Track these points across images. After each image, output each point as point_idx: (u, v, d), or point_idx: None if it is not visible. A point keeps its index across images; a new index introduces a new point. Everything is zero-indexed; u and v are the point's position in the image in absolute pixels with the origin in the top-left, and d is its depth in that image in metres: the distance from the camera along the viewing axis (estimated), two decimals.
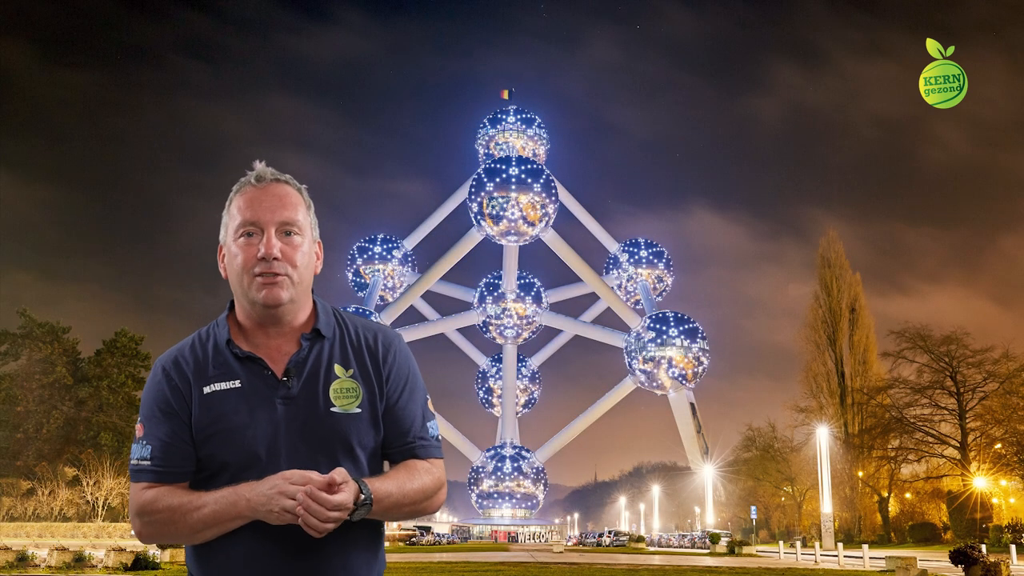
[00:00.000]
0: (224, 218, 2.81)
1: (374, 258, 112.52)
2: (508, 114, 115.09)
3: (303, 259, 2.75)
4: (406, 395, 2.84)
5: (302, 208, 2.78)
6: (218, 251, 2.85)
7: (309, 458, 2.62)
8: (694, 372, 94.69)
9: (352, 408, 2.70)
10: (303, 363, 2.72)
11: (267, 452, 2.62)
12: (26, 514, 77.18)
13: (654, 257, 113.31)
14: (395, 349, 2.86)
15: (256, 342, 2.75)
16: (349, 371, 2.74)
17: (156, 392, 2.72)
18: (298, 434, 2.64)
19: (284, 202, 2.74)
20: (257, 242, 2.69)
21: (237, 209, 2.74)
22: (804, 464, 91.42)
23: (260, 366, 2.70)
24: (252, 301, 2.71)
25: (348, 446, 2.69)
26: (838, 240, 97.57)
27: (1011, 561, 34.31)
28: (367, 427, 2.73)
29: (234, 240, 2.74)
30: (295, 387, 2.68)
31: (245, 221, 2.71)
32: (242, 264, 2.70)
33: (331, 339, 2.79)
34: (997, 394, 72.54)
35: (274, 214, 2.71)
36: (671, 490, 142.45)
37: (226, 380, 2.68)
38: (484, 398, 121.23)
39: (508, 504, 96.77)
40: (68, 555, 31.51)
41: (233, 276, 2.75)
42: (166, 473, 2.65)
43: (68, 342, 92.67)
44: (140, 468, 2.66)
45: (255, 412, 2.64)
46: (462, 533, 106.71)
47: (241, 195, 2.76)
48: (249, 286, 2.69)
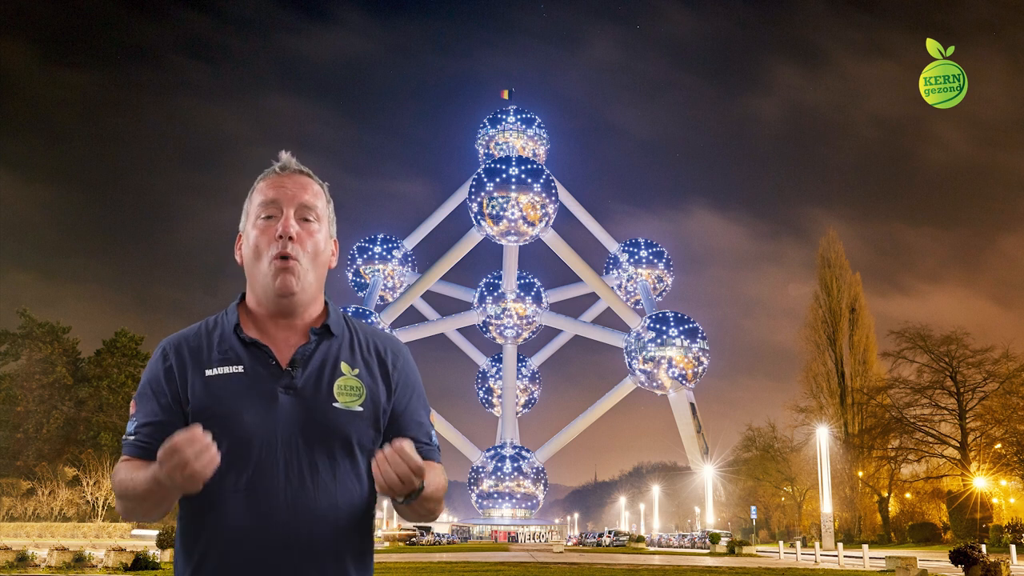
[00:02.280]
0: (245, 206, 2.84)
1: (374, 258, 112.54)
2: (508, 114, 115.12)
3: (318, 246, 2.76)
4: (414, 403, 2.87)
5: (322, 199, 2.81)
6: (236, 240, 2.86)
7: (305, 450, 2.61)
8: (694, 372, 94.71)
9: (354, 406, 2.69)
10: (309, 356, 2.71)
11: (263, 440, 2.60)
12: (26, 514, 77.18)
13: (654, 257, 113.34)
14: (404, 358, 2.89)
15: (265, 331, 2.75)
16: (355, 370, 2.74)
17: (152, 371, 2.74)
18: (297, 426, 2.63)
19: (306, 188, 2.77)
20: (276, 224, 2.71)
21: (259, 192, 2.78)
22: (804, 464, 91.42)
23: (265, 353, 2.69)
24: (264, 287, 2.71)
25: (347, 443, 2.67)
26: (838, 240, 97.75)
27: (1011, 561, 34.30)
28: (367, 427, 2.72)
29: (253, 224, 2.75)
30: (299, 378, 2.67)
31: (266, 200, 2.73)
32: (257, 244, 2.71)
33: (340, 337, 2.79)
34: (997, 394, 72.54)
35: (295, 196, 2.74)
36: (671, 490, 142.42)
37: (229, 365, 2.67)
38: (484, 398, 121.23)
39: (508, 504, 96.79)
40: (68, 555, 31.51)
41: (248, 258, 2.76)
42: (147, 449, 2.63)
43: (68, 342, 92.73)
44: (125, 443, 2.71)
45: (255, 399, 2.62)
46: (462, 533, 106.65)
47: (264, 180, 2.79)
48: (264, 273, 2.70)
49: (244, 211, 2.84)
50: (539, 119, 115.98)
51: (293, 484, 2.59)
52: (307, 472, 2.61)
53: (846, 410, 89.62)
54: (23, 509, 78.02)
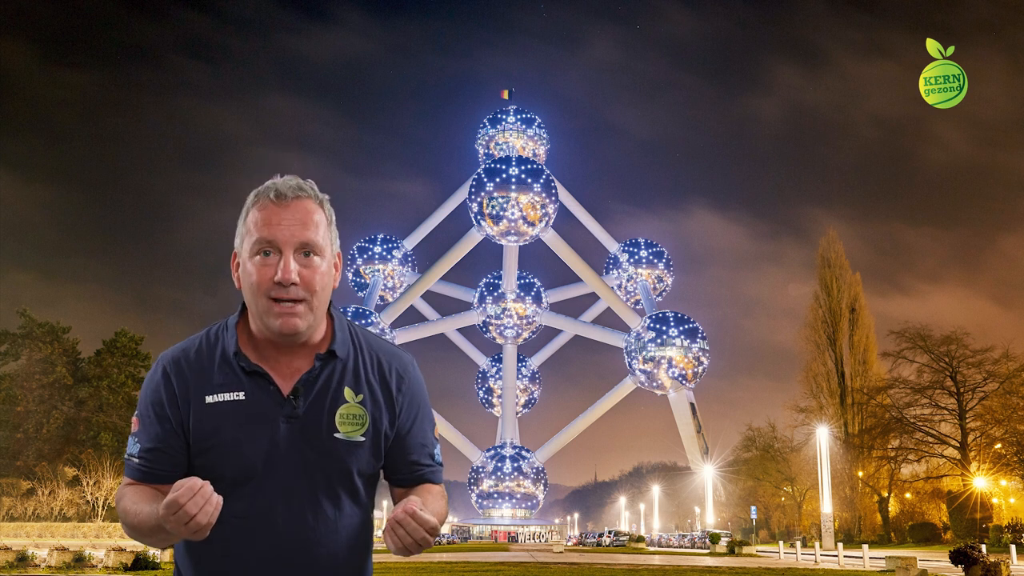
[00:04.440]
0: (240, 227, 2.67)
1: (374, 258, 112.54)
2: (508, 114, 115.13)
3: (321, 281, 2.63)
4: (419, 423, 2.83)
5: (323, 226, 2.65)
6: (232, 258, 2.72)
7: (306, 480, 2.60)
8: (694, 372, 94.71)
9: (356, 436, 2.66)
10: (312, 382, 2.66)
11: (264, 469, 2.58)
12: (26, 514, 77.19)
13: (654, 257, 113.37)
14: (410, 378, 2.82)
15: (266, 355, 2.67)
16: (359, 396, 2.69)
17: (153, 392, 2.66)
18: (298, 454, 2.61)
19: (305, 221, 2.59)
20: (274, 263, 2.57)
21: (254, 224, 2.60)
22: (804, 464, 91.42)
23: (267, 381, 2.63)
24: (266, 324, 2.61)
25: (347, 472, 2.66)
26: (838, 240, 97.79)
27: (1011, 561, 34.29)
28: (368, 456, 2.70)
29: (250, 257, 2.61)
30: (301, 407, 2.63)
31: (262, 239, 2.57)
32: (257, 285, 2.58)
33: (345, 360, 2.72)
34: (997, 394, 72.55)
35: (293, 235, 2.57)
36: (671, 490, 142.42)
37: (230, 391, 2.61)
38: (484, 398, 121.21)
39: (508, 504, 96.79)
40: (68, 555, 31.50)
41: (248, 294, 2.65)
42: (149, 474, 2.62)
43: (68, 342, 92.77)
44: (128, 464, 2.67)
45: (256, 427, 2.59)
46: (462, 533, 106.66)
47: (259, 209, 2.61)
48: (266, 312, 2.59)
49: (239, 232, 2.67)
50: (539, 119, 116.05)
51: (293, 512, 2.59)
52: (307, 501, 2.60)
53: (846, 410, 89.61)
54: (23, 509, 78.03)
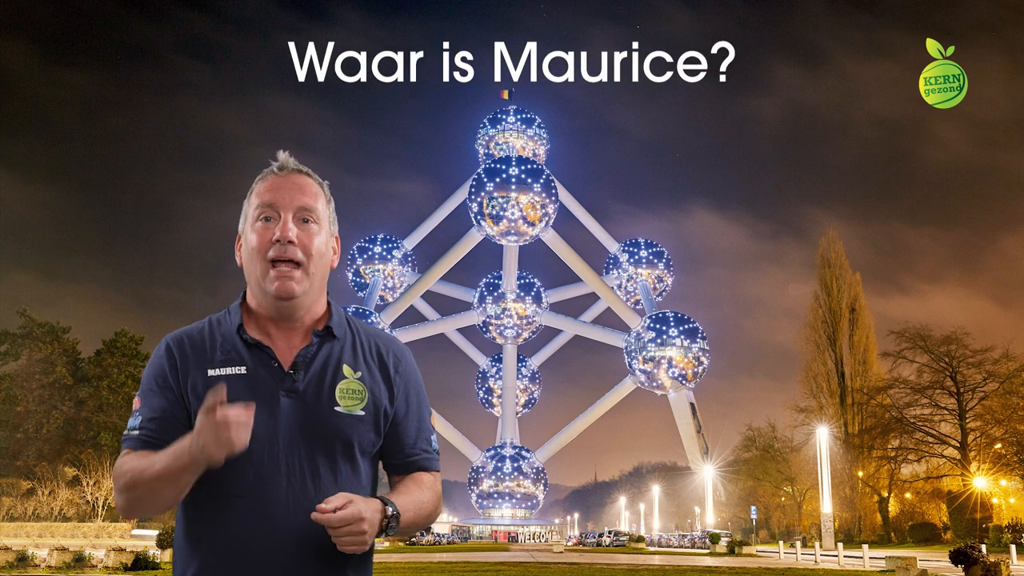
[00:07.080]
0: (244, 207, 2.81)
1: (374, 258, 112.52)
2: (508, 114, 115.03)
3: (318, 248, 2.73)
4: (414, 408, 2.86)
5: (322, 199, 2.78)
6: (236, 240, 2.83)
7: (307, 454, 2.61)
8: (694, 372, 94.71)
9: (356, 410, 2.69)
10: (312, 358, 2.70)
11: (264, 442, 2.58)
12: (26, 514, 77.14)
13: (654, 257, 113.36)
14: (407, 361, 2.88)
15: (267, 332, 2.73)
16: (357, 373, 2.73)
17: (156, 367, 2.70)
18: (298, 429, 2.62)
19: (304, 190, 2.74)
20: (274, 226, 2.68)
21: (256, 195, 2.75)
22: (804, 464, 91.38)
23: (268, 355, 2.68)
24: (264, 290, 2.69)
25: (348, 447, 2.67)
26: (838, 240, 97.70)
27: (1011, 561, 34.30)
28: (368, 430, 2.72)
29: (251, 225, 2.72)
30: (301, 381, 2.66)
31: (263, 203, 2.71)
32: (256, 247, 2.68)
33: (342, 339, 2.78)
34: (997, 394, 72.54)
35: (292, 199, 2.71)
36: (671, 490, 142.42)
37: (232, 365, 2.66)
38: (484, 398, 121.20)
39: (508, 504, 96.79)
40: (68, 555, 31.52)
41: (247, 261, 2.74)
42: (150, 442, 2.60)
43: (68, 342, 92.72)
44: (127, 436, 2.65)
45: (257, 401, 2.58)
46: (462, 533, 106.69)
47: (262, 182, 2.76)
48: (263, 275, 2.68)
49: (243, 212, 2.81)
50: (539, 119, 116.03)
51: (295, 488, 2.58)
52: (308, 476, 2.60)
53: (846, 410, 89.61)
54: (23, 509, 77.98)
